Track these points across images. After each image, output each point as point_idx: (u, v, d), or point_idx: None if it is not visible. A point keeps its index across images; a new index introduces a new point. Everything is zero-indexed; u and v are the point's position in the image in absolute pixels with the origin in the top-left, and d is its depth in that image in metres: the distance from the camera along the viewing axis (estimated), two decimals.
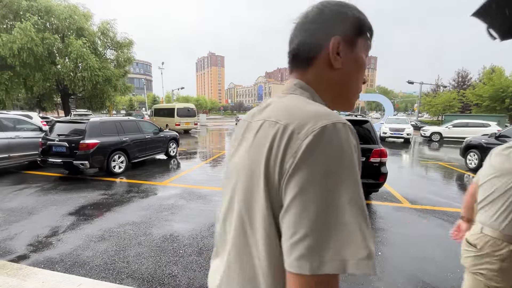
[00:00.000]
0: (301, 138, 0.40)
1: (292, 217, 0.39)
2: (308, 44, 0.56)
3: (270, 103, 0.56)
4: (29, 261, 2.58)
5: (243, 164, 0.50)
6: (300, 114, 0.44)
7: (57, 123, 6.07)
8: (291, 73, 0.62)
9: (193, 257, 2.70)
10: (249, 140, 0.52)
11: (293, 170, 0.39)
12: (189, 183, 5.47)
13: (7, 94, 14.12)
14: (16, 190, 4.88)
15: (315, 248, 0.37)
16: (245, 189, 0.48)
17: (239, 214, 0.50)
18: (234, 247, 0.51)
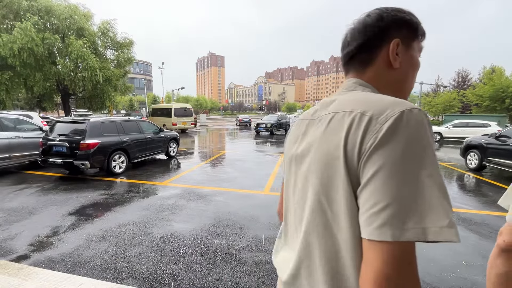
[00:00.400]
0: (380, 122, 0.45)
1: (373, 190, 0.42)
2: (368, 46, 0.61)
3: (334, 100, 0.60)
4: (30, 261, 2.59)
5: (316, 152, 0.54)
6: (375, 103, 0.49)
7: (57, 123, 6.07)
8: (347, 73, 0.68)
9: (194, 257, 2.70)
10: (319, 132, 0.56)
11: (374, 149, 0.43)
12: (189, 183, 5.47)
13: (8, 94, 14.12)
14: (17, 190, 4.89)
15: (398, 216, 0.40)
16: (321, 173, 0.52)
17: (316, 197, 0.53)
18: (313, 229, 0.54)
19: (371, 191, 0.42)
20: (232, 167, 7.17)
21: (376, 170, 0.42)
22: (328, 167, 0.50)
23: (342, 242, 0.49)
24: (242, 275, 2.40)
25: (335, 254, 0.50)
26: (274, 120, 18.71)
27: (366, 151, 0.44)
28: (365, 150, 0.45)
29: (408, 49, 0.61)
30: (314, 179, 0.54)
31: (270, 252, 2.82)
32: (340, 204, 0.48)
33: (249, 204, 4.27)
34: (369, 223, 0.42)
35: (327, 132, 0.53)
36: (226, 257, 2.71)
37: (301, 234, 0.57)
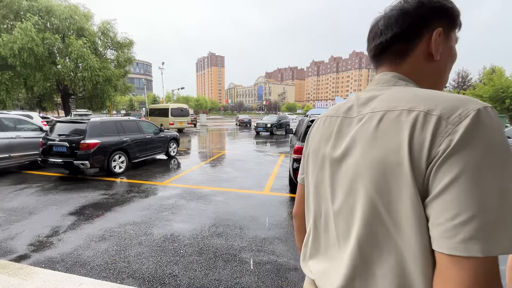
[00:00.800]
0: (453, 123, 0.40)
1: (451, 199, 0.38)
2: (407, 36, 0.56)
3: (374, 96, 0.55)
4: (30, 261, 2.59)
5: (366, 156, 0.49)
6: (438, 100, 0.44)
7: (57, 123, 6.07)
8: (379, 66, 0.62)
9: (194, 257, 2.70)
10: (365, 132, 0.51)
11: (449, 153, 0.39)
12: (189, 183, 5.47)
13: (8, 94, 14.13)
14: (17, 190, 4.89)
15: (486, 229, 0.36)
16: (376, 180, 0.46)
17: (370, 207, 0.48)
18: (370, 242, 0.49)
19: (448, 201, 0.38)
20: (232, 167, 7.17)
21: (454, 177, 0.38)
22: (386, 173, 0.45)
23: (409, 256, 0.44)
24: (242, 275, 2.41)
25: (402, 270, 0.45)
26: (274, 120, 18.72)
27: (439, 156, 0.40)
28: (436, 155, 0.40)
29: (448, 40, 0.57)
30: (365, 186, 0.48)
31: (270, 252, 2.82)
32: (406, 215, 0.43)
33: (249, 204, 4.27)
34: (450, 236, 0.38)
35: (378, 134, 0.48)
36: (226, 257, 2.71)
37: (351, 246, 0.51)
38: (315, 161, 0.63)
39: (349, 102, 0.61)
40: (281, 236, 3.18)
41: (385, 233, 0.46)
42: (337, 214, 0.56)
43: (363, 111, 0.55)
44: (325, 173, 0.60)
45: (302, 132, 4.29)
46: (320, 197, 0.62)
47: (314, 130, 0.68)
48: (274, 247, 2.92)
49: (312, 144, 0.67)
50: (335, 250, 0.57)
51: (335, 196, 0.56)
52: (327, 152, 0.60)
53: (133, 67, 19.67)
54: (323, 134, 0.63)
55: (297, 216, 0.79)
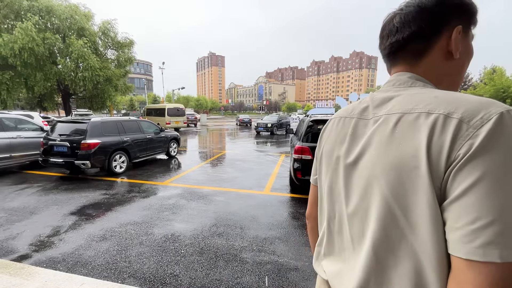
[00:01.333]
0: (475, 126, 0.39)
1: (471, 204, 0.37)
2: (424, 34, 0.54)
3: (390, 97, 0.54)
4: (31, 261, 2.59)
5: (382, 158, 0.48)
6: (459, 103, 0.43)
7: (58, 123, 6.08)
8: (394, 65, 0.60)
9: (195, 257, 2.70)
10: (381, 134, 0.50)
11: (470, 157, 0.38)
12: (190, 183, 5.47)
13: (9, 94, 14.12)
14: (18, 190, 4.90)
15: (506, 234, 0.35)
16: (392, 183, 0.46)
17: (386, 209, 0.47)
18: (385, 244, 0.48)
19: (468, 205, 0.38)
20: (233, 167, 7.18)
21: (474, 181, 0.37)
22: (403, 176, 0.44)
23: (426, 260, 0.43)
24: (243, 275, 2.41)
25: (417, 274, 0.45)
26: (275, 120, 18.72)
27: (459, 159, 0.39)
28: (456, 159, 0.39)
29: (466, 37, 0.55)
30: (381, 189, 0.48)
31: (270, 252, 2.82)
32: (422, 218, 0.43)
33: (250, 204, 4.27)
34: (468, 241, 0.37)
35: (395, 136, 0.47)
36: (227, 257, 2.71)
37: (366, 249, 0.51)
38: (329, 162, 0.62)
39: (364, 102, 0.60)
40: (281, 236, 3.18)
41: (400, 236, 0.46)
42: (351, 217, 0.55)
43: (378, 113, 0.54)
44: (339, 175, 0.59)
45: (303, 132, 4.29)
46: (334, 199, 0.61)
47: (327, 131, 0.67)
48: (275, 247, 2.92)
49: (325, 146, 0.65)
50: (349, 252, 0.57)
51: (349, 199, 0.56)
52: (341, 154, 0.58)
53: (133, 67, 19.69)
54: (337, 136, 0.62)
55: (311, 217, 0.79)
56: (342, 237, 0.59)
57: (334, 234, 0.62)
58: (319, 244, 0.68)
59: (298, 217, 3.78)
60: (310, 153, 4.08)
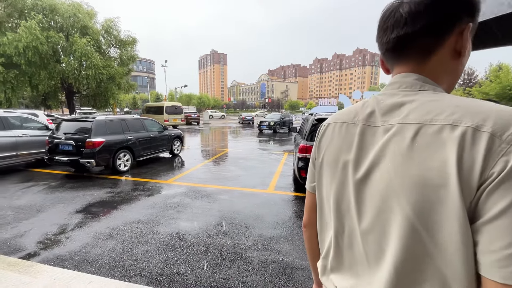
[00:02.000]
0: (508, 141, 0.37)
1: (506, 226, 0.36)
2: (437, 30, 0.49)
3: (401, 104, 0.50)
4: (39, 259, 2.62)
5: (402, 173, 0.45)
6: (486, 113, 0.41)
7: (63, 122, 6.13)
8: (398, 63, 0.56)
9: (200, 255, 2.72)
10: (398, 146, 0.46)
11: (505, 176, 0.36)
12: (193, 182, 5.49)
13: (13, 93, 14.24)
14: (24, 188, 4.95)
15: None
16: (416, 200, 0.43)
17: (409, 228, 0.44)
18: (409, 264, 0.45)
19: (503, 228, 0.36)
20: (236, 166, 7.18)
21: (510, 202, 0.36)
22: (428, 194, 0.42)
23: (452, 279, 0.41)
24: (249, 274, 2.41)
25: None
26: (277, 118, 18.69)
27: (494, 177, 0.37)
28: (490, 176, 0.37)
29: (470, 35, 0.51)
30: (402, 207, 0.44)
31: (276, 251, 2.82)
32: (451, 238, 0.40)
33: (254, 203, 4.27)
34: (504, 265, 0.36)
35: (415, 150, 0.44)
36: (232, 256, 2.72)
37: (387, 267, 0.48)
38: (333, 173, 0.58)
39: (368, 107, 0.56)
40: (286, 235, 3.18)
41: (425, 256, 0.44)
42: (365, 233, 0.52)
43: (389, 121, 0.50)
44: (347, 189, 0.55)
45: (307, 131, 4.27)
46: (343, 213, 0.57)
47: (328, 138, 0.62)
48: (280, 246, 2.92)
49: (327, 154, 0.61)
50: (363, 268, 0.54)
51: (362, 215, 0.52)
52: (349, 165, 0.55)
53: (136, 65, 19.68)
54: (341, 144, 0.58)
55: (309, 225, 0.75)
56: (353, 252, 0.56)
57: (343, 249, 0.59)
58: (324, 257, 0.65)
59: (303, 216, 3.77)
60: None
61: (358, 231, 0.54)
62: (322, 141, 0.64)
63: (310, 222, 0.75)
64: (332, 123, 0.62)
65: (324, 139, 0.63)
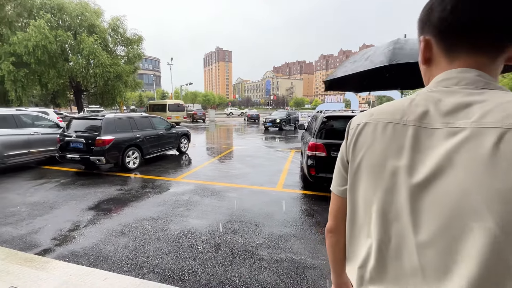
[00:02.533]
0: None
1: None
2: None
3: (467, 103, 0.46)
4: (54, 255, 2.67)
5: (483, 188, 0.40)
6: None
7: (74, 120, 6.22)
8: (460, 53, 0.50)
9: (212, 253, 2.73)
10: (475, 156, 0.41)
11: None
12: (201, 179, 5.51)
13: (23, 91, 14.54)
14: (37, 185, 5.05)
15: None
16: (504, 218, 0.39)
17: (493, 247, 0.40)
18: (484, 282, 0.42)
19: None
20: (243, 163, 7.18)
21: None
22: None
23: None
24: (261, 273, 2.41)
25: None
26: (283, 115, 18.61)
27: None
28: None
29: None
30: (486, 224, 0.40)
31: (287, 249, 2.82)
32: None
33: (263, 201, 4.27)
34: None
35: (501, 158, 0.39)
36: (244, 254, 2.72)
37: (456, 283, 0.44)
38: (377, 178, 0.54)
39: (419, 106, 0.51)
40: (297, 234, 3.17)
41: (507, 274, 0.40)
42: (424, 246, 0.48)
43: (455, 123, 0.45)
44: (398, 196, 0.50)
45: (316, 128, 4.23)
46: (389, 221, 0.53)
47: (367, 139, 0.56)
48: (291, 245, 2.91)
49: (367, 157, 0.56)
50: (415, 282, 0.51)
51: (420, 225, 0.48)
52: (400, 171, 0.50)
53: (142, 63, 19.80)
54: (387, 147, 0.52)
55: (336, 231, 0.71)
56: (401, 264, 0.52)
57: (388, 259, 0.54)
58: (361, 266, 0.61)
59: (312, 214, 3.75)
60: (324, 150, 4.02)
61: (412, 243, 0.50)
62: (358, 142, 0.58)
63: (336, 228, 0.70)
64: (371, 123, 0.57)
65: (361, 140, 0.58)
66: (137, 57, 19.06)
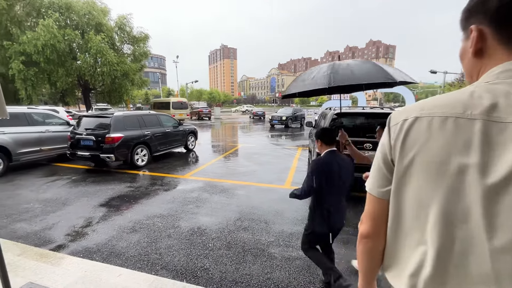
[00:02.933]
0: None
1: None
2: None
3: None
4: (68, 250, 2.72)
5: None
6: None
7: (83, 118, 6.29)
8: None
9: (223, 250, 2.73)
10: None
11: None
12: (210, 176, 5.52)
13: (33, 90, 14.76)
14: (49, 182, 5.14)
15: None
16: None
17: None
18: None
19: None
20: (251, 161, 7.17)
21: None
22: None
23: None
24: (273, 271, 2.40)
25: None
26: (289, 113, 18.50)
27: None
28: None
29: None
30: None
31: (298, 247, 2.79)
32: None
33: (271, 198, 4.25)
34: None
35: None
36: (255, 251, 2.71)
37: None
38: (439, 177, 0.50)
39: (483, 98, 0.47)
40: None
41: None
42: (501, 251, 0.44)
43: None
44: (468, 196, 0.47)
45: (326, 125, 4.16)
46: (454, 224, 0.49)
47: (421, 135, 0.52)
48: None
49: (423, 154, 0.52)
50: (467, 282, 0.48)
51: (495, 229, 0.44)
52: (469, 169, 0.46)
53: (147, 61, 19.87)
54: (449, 142, 0.48)
55: (372, 236, 0.66)
56: (466, 271, 0.49)
57: (450, 266, 0.50)
58: (413, 274, 0.56)
59: None
60: None
61: (484, 247, 0.46)
62: (408, 139, 0.54)
63: (375, 233, 0.66)
64: (424, 117, 0.53)
65: (412, 136, 0.53)
66: (143, 55, 19.11)
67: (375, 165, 0.63)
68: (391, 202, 0.59)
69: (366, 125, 4.31)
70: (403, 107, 0.58)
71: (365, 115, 4.40)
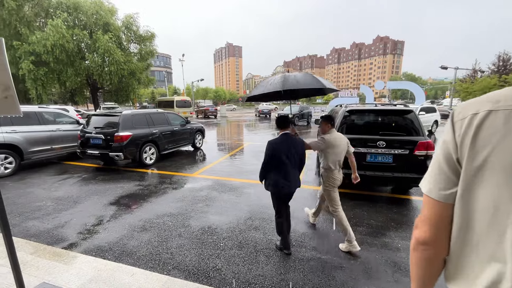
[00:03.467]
0: None
1: None
2: None
3: None
4: (81, 249, 2.71)
5: None
6: None
7: (93, 117, 6.33)
8: None
9: (234, 250, 2.69)
10: None
11: None
12: (218, 175, 5.49)
13: (43, 89, 15.02)
14: (60, 180, 5.19)
15: None
16: None
17: None
18: None
19: None
20: (258, 159, 7.10)
21: None
22: None
23: None
24: (287, 272, 2.35)
25: None
26: (296, 110, 18.35)
27: None
28: None
29: None
30: None
31: (311, 248, 2.73)
32: None
33: None
34: None
35: None
36: (267, 252, 2.66)
37: None
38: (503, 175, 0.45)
39: None
40: (320, 232, 3.08)
41: None
42: None
43: None
44: None
45: (338, 123, 4.06)
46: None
47: (496, 131, 0.47)
48: (316, 243, 2.83)
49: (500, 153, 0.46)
50: None
51: None
52: None
53: (153, 60, 19.94)
54: None
55: (431, 244, 0.60)
56: None
57: None
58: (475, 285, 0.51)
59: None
60: None
61: None
62: (480, 136, 0.49)
63: (436, 240, 0.59)
64: (500, 111, 0.47)
65: (485, 133, 0.48)
66: (150, 54, 19.24)
67: (435, 165, 0.57)
68: (458, 207, 0.53)
69: (379, 122, 4.18)
70: (467, 101, 0.51)
71: (378, 112, 4.27)
